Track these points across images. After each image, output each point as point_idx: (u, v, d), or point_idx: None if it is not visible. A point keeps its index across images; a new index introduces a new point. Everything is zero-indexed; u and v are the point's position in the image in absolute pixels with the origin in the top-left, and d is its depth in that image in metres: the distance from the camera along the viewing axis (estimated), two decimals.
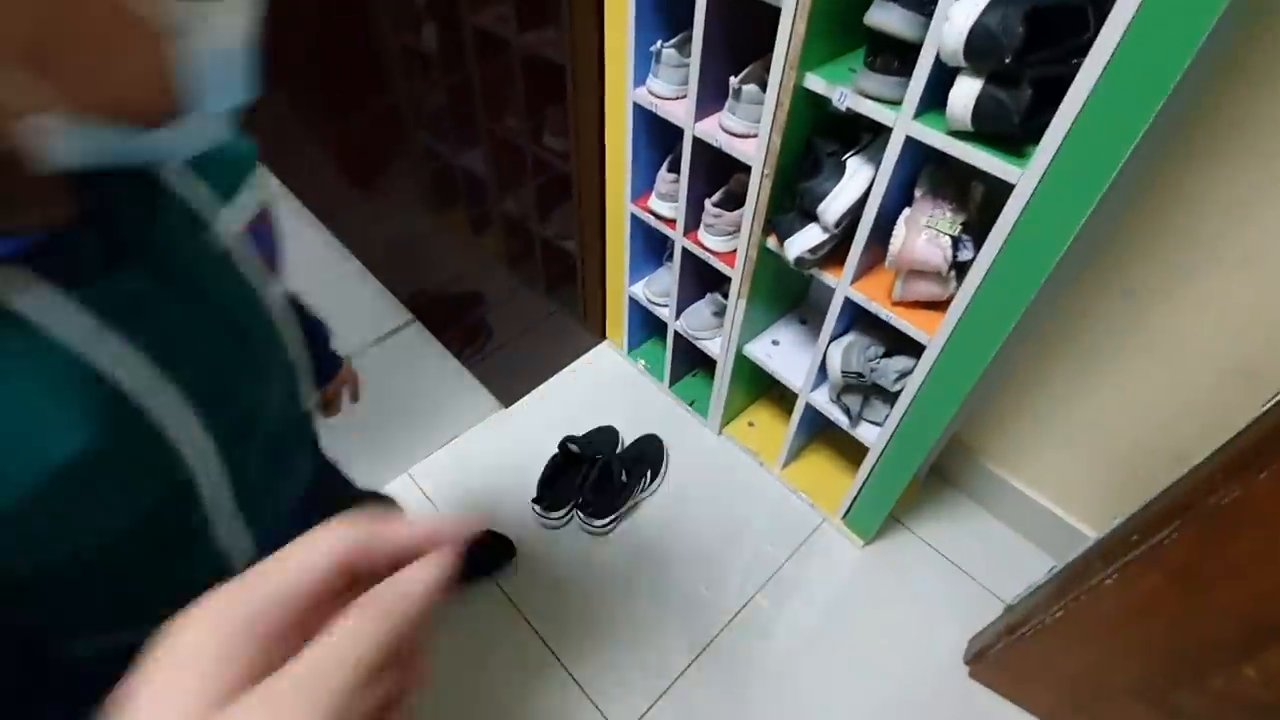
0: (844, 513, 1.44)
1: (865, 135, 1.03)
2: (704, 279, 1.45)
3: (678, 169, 1.27)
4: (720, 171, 1.28)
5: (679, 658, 1.28)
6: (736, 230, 1.26)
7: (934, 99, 0.86)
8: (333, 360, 0.81)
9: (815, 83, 0.96)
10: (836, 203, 1.02)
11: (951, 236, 0.94)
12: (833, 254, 1.11)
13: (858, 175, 1.01)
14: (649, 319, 1.66)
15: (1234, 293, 1.00)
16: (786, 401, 1.65)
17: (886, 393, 1.20)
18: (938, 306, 1.04)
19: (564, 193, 1.56)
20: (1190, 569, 0.85)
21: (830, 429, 1.58)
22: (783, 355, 1.40)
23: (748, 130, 1.11)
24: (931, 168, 0.99)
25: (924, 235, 0.95)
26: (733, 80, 1.07)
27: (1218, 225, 0.97)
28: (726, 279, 1.32)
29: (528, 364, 1.76)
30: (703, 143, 1.17)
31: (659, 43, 1.14)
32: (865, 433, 1.27)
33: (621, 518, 1.45)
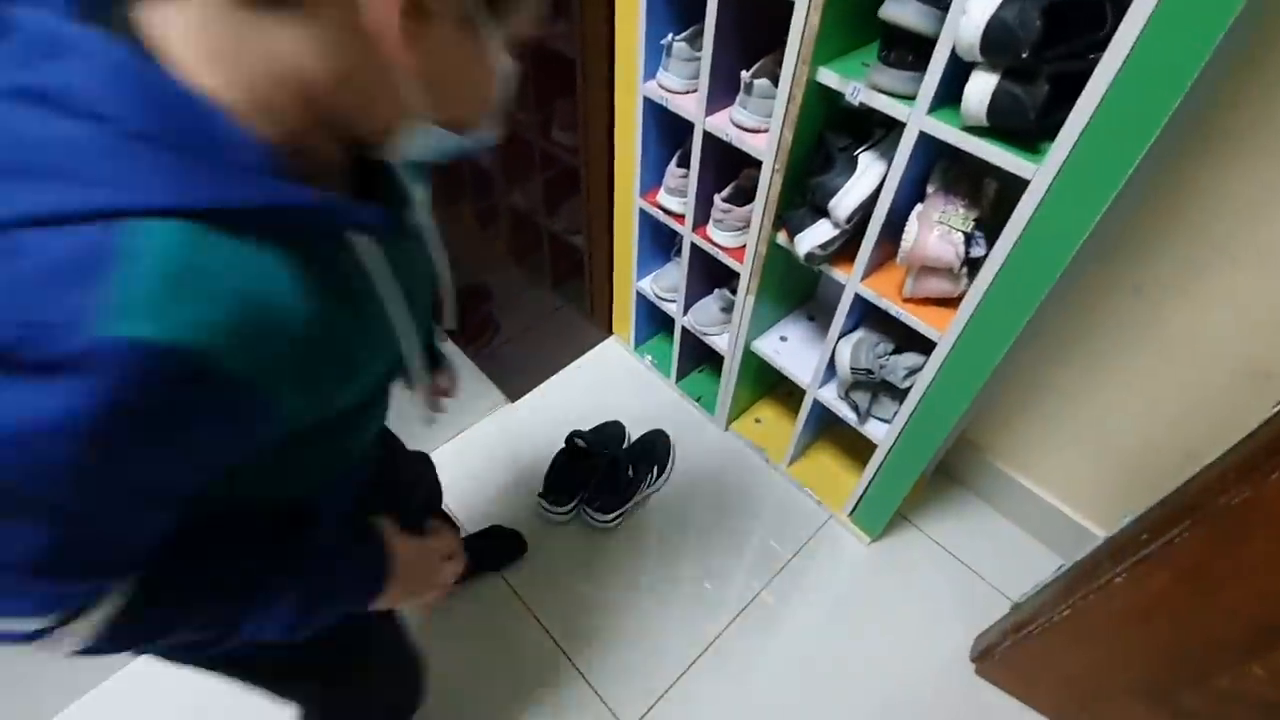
0: (851, 510, 1.44)
1: (878, 131, 1.03)
2: (712, 274, 1.45)
3: (687, 164, 1.27)
4: (730, 166, 1.28)
5: (684, 653, 1.29)
6: (745, 226, 1.26)
7: (948, 94, 0.86)
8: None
9: (828, 77, 0.95)
10: (848, 198, 1.01)
11: (964, 233, 0.94)
12: (843, 250, 1.11)
13: (870, 171, 1.01)
14: (656, 314, 1.66)
15: (1247, 292, 1.00)
16: (794, 398, 1.65)
17: (895, 389, 1.20)
18: (949, 303, 1.04)
19: (572, 187, 1.56)
20: (1200, 568, 0.85)
21: (837, 426, 1.58)
22: (791, 351, 1.40)
23: (759, 125, 1.10)
24: (945, 163, 0.99)
25: (936, 231, 0.95)
26: (744, 74, 1.07)
27: (1231, 224, 0.97)
28: (735, 275, 1.32)
29: (534, 359, 1.76)
30: (713, 137, 1.17)
31: (670, 36, 1.14)
32: (873, 429, 1.27)
33: (628, 513, 1.45)
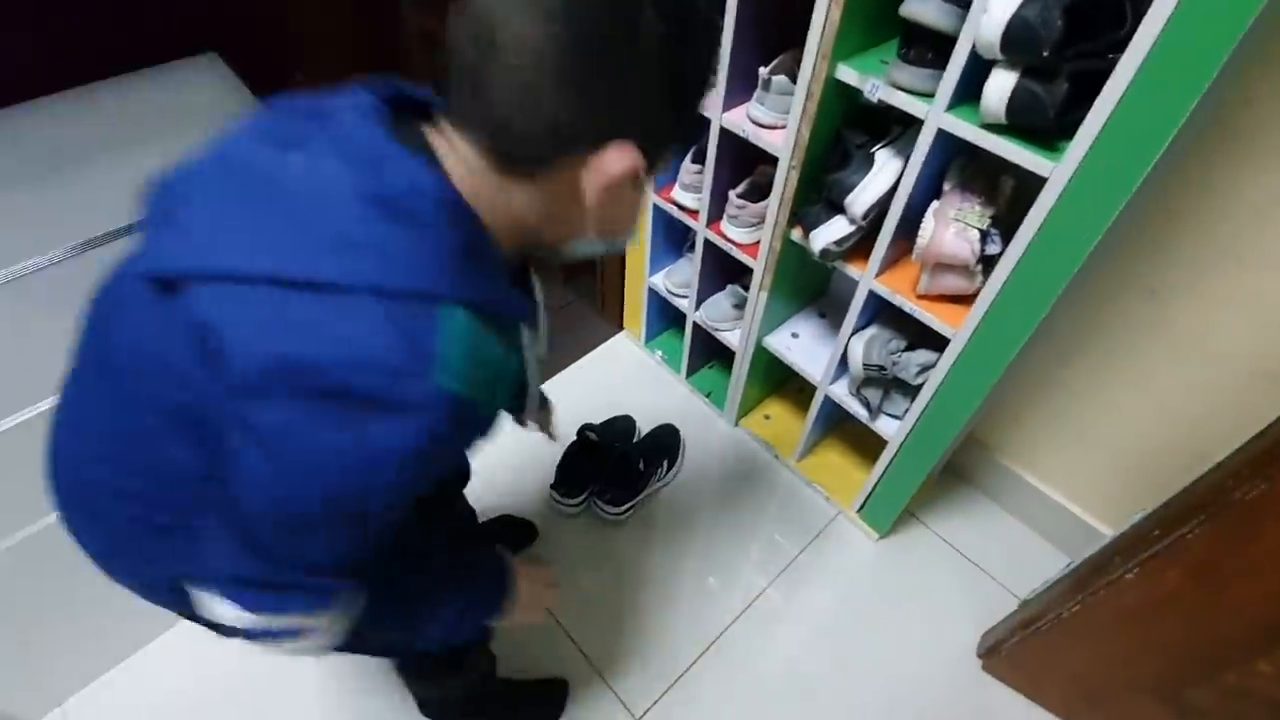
0: (859, 506, 1.44)
1: (895, 128, 1.03)
2: (725, 270, 1.46)
3: (702, 160, 1.28)
4: (744, 163, 1.28)
5: (693, 644, 1.30)
6: (759, 222, 1.27)
7: (967, 92, 0.87)
8: None
9: (847, 74, 0.96)
10: (864, 195, 1.02)
11: (980, 230, 0.94)
12: (858, 247, 1.12)
13: (886, 168, 1.02)
14: (667, 310, 1.67)
15: (1256, 293, 1.00)
16: (803, 395, 1.65)
17: (907, 386, 1.21)
18: (963, 300, 1.05)
19: None
20: (1210, 564, 0.85)
21: (846, 423, 1.59)
22: (802, 348, 1.40)
23: (775, 121, 1.11)
24: (962, 161, 0.99)
25: (952, 228, 0.96)
26: (762, 71, 1.08)
27: (1240, 225, 0.97)
28: (748, 271, 1.32)
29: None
30: (729, 133, 1.18)
31: None
32: (884, 426, 1.27)
33: (638, 506, 1.46)
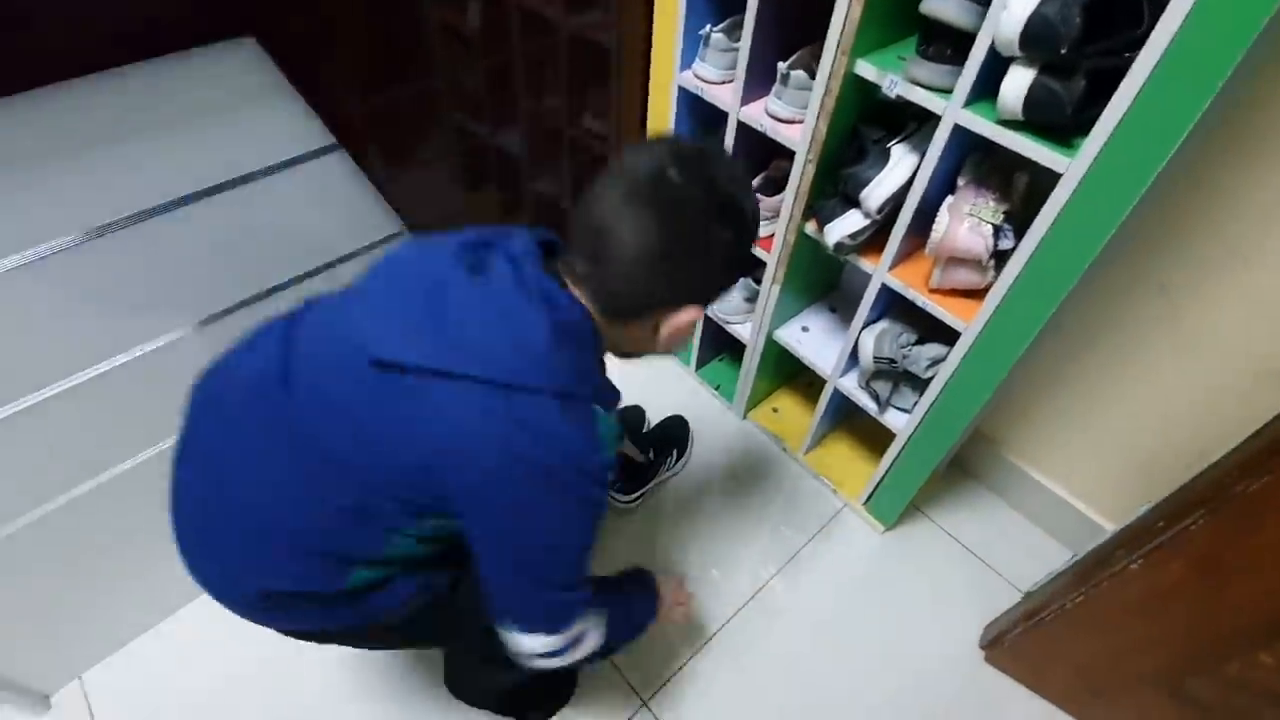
0: (866, 499, 1.46)
1: (911, 124, 1.05)
2: None
3: None
4: (760, 158, 1.30)
5: (696, 634, 1.31)
6: (774, 216, 1.29)
7: (984, 88, 0.88)
8: None
9: (866, 69, 0.98)
10: (880, 189, 1.04)
11: (994, 225, 0.96)
12: (871, 241, 1.14)
13: (902, 163, 1.03)
14: None
15: (1267, 293, 1.01)
16: (812, 389, 1.67)
17: (916, 380, 1.22)
18: (974, 295, 1.06)
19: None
20: (1214, 556, 0.87)
21: (853, 417, 1.61)
22: (813, 341, 1.42)
23: (793, 116, 1.13)
24: (977, 157, 1.01)
25: (966, 223, 0.97)
26: (781, 65, 1.09)
27: (1248, 225, 0.99)
28: (760, 264, 1.34)
29: None
30: (747, 128, 1.19)
31: (708, 27, 1.16)
32: (893, 419, 1.29)
33: (646, 495, 1.48)
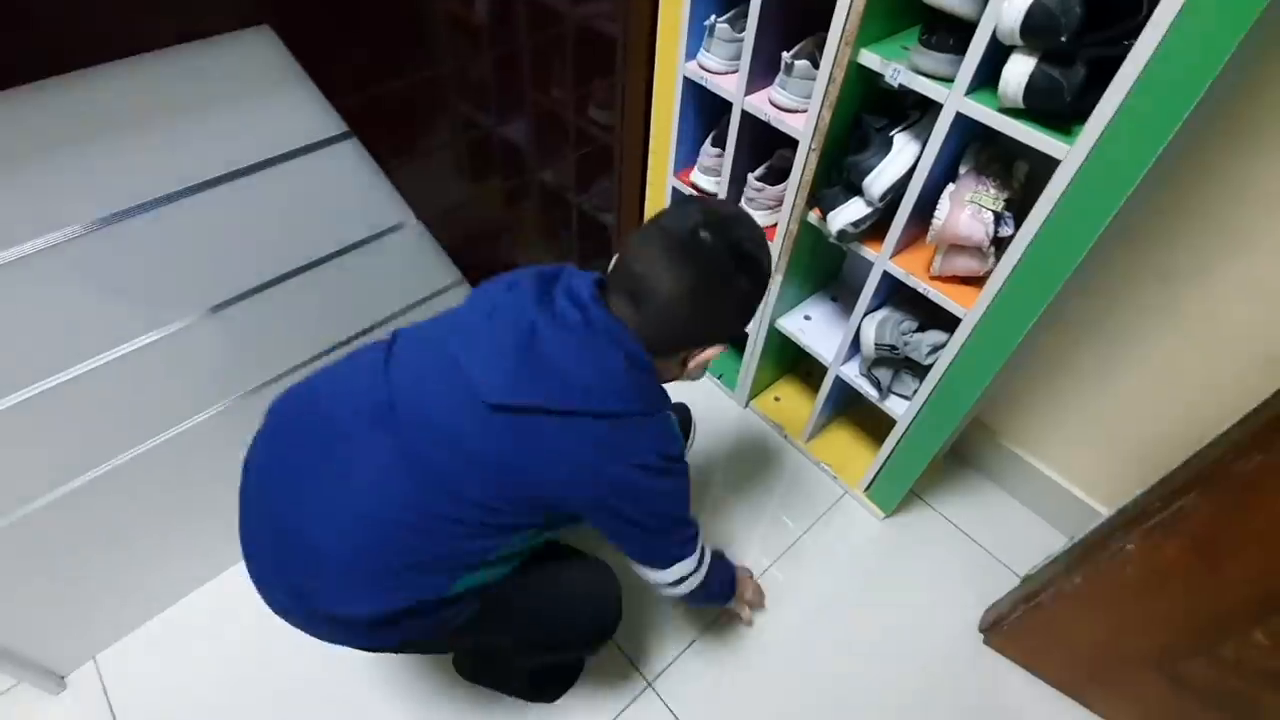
0: (866, 485, 1.48)
1: (913, 113, 1.07)
2: None
3: (721, 144, 1.31)
4: (763, 147, 1.32)
5: (700, 617, 1.33)
6: (777, 205, 1.30)
7: (985, 77, 0.90)
8: None
9: (869, 59, 0.99)
10: (882, 177, 1.05)
11: (994, 212, 0.98)
12: (873, 230, 1.15)
13: (904, 151, 1.05)
14: None
15: (1263, 280, 1.03)
16: (812, 378, 1.69)
17: (917, 366, 1.24)
18: (974, 282, 1.08)
19: (604, 165, 1.60)
20: (1210, 535, 0.89)
21: (854, 406, 1.62)
22: (815, 330, 1.44)
23: (797, 105, 1.14)
24: (978, 145, 1.03)
25: (967, 210, 0.99)
26: (785, 55, 1.11)
27: (1250, 213, 1.00)
28: None
29: None
30: (751, 117, 1.21)
31: (713, 17, 1.17)
32: (893, 406, 1.31)
33: None
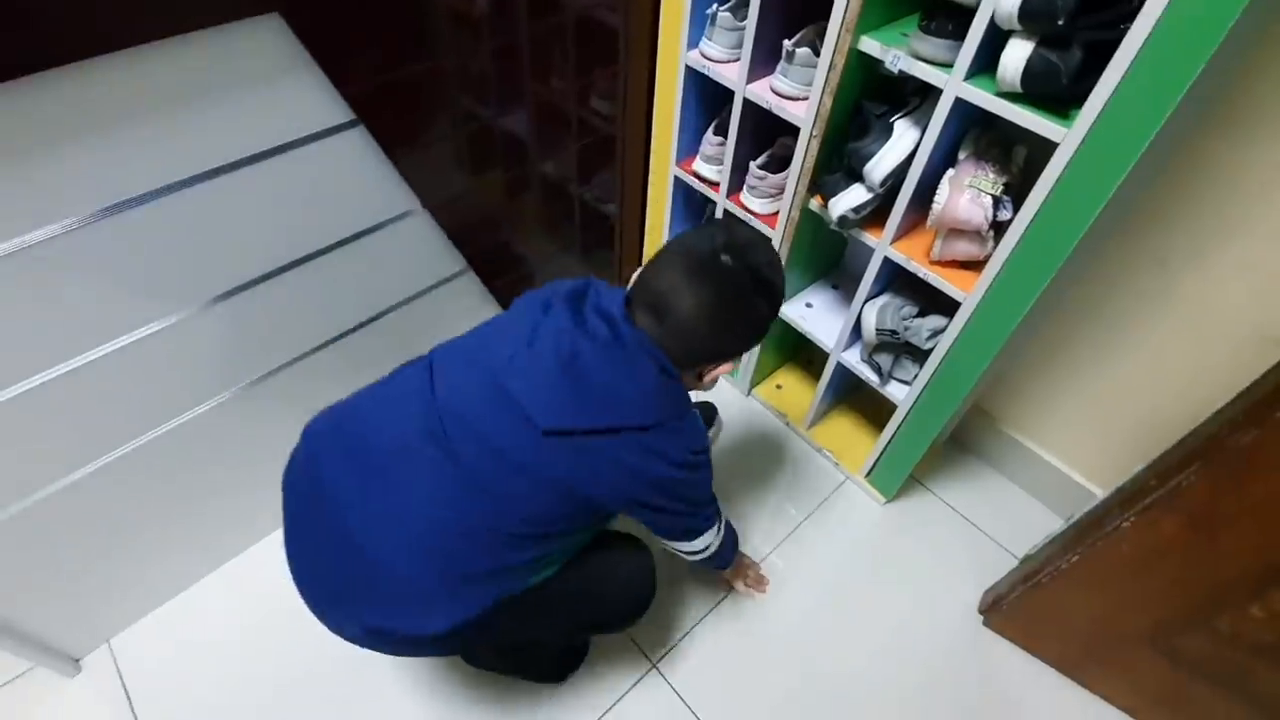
0: (867, 471, 1.50)
1: (912, 99, 1.08)
2: None
3: (723, 132, 1.32)
4: (765, 135, 1.33)
5: (702, 601, 1.35)
6: (779, 193, 1.32)
7: (984, 62, 0.91)
8: None
9: (870, 45, 1.01)
10: (883, 163, 1.07)
11: (993, 196, 0.99)
12: (874, 216, 1.17)
13: (904, 137, 1.06)
14: None
15: (1260, 263, 1.04)
16: (813, 366, 1.71)
17: (917, 352, 1.26)
18: (973, 267, 1.10)
19: (607, 156, 1.61)
20: (1207, 510, 0.90)
21: (855, 393, 1.64)
22: (816, 317, 1.45)
23: (798, 93, 1.16)
24: (976, 131, 1.04)
25: (967, 194, 1.00)
26: (786, 43, 1.12)
27: (1247, 196, 1.01)
28: None
29: None
30: (752, 105, 1.22)
31: (714, 6, 1.19)
32: (894, 391, 1.33)
33: None
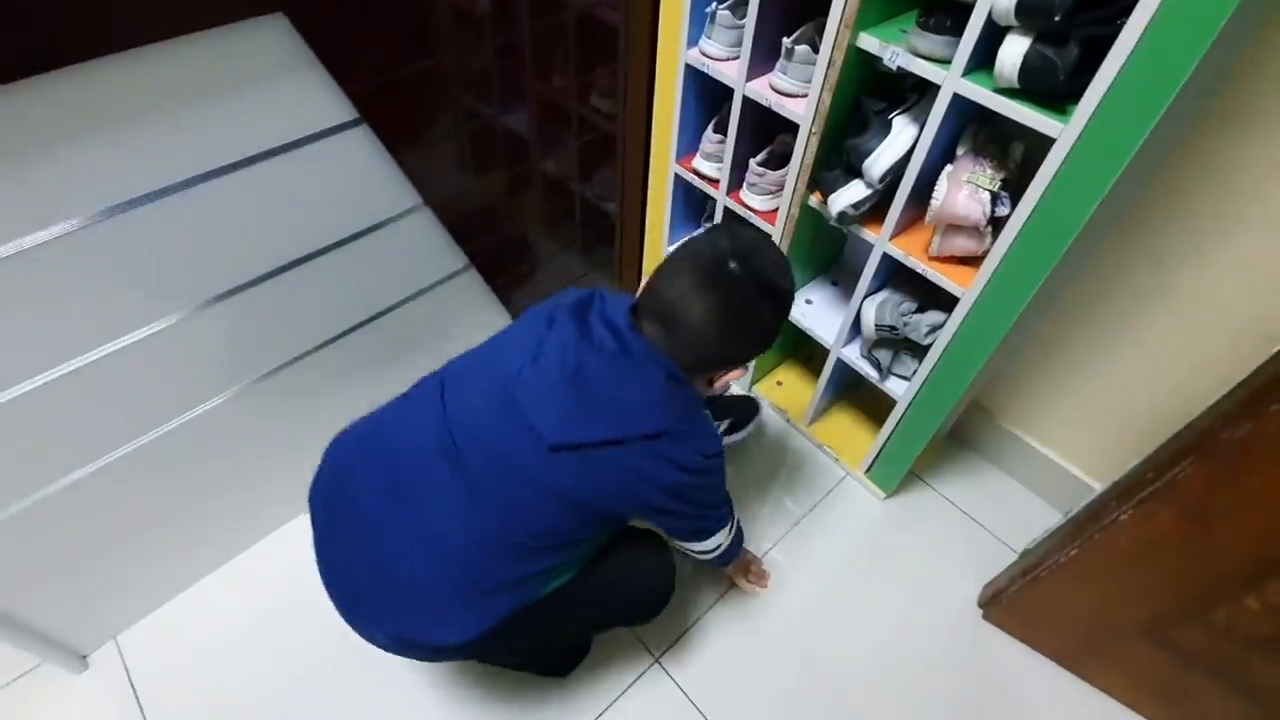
0: (867, 467, 1.51)
1: (911, 95, 1.09)
2: None
3: (723, 130, 1.33)
4: (764, 132, 1.34)
5: (704, 596, 1.36)
6: (778, 190, 1.33)
7: (982, 58, 0.92)
8: None
9: (868, 42, 1.01)
10: (882, 159, 1.08)
11: (991, 192, 1.00)
12: (873, 212, 1.17)
13: (903, 133, 1.07)
14: None
15: (1260, 260, 1.04)
16: (813, 363, 1.72)
17: (916, 347, 1.26)
18: (972, 262, 1.10)
19: (607, 153, 1.62)
20: (1202, 503, 0.91)
21: (855, 390, 1.65)
22: (815, 314, 1.46)
23: (797, 90, 1.16)
24: (975, 128, 1.05)
25: (965, 190, 1.01)
26: (785, 40, 1.13)
27: (1243, 192, 1.02)
28: None
29: None
30: (752, 102, 1.23)
31: (714, 4, 1.19)
32: (893, 386, 1.33)
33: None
